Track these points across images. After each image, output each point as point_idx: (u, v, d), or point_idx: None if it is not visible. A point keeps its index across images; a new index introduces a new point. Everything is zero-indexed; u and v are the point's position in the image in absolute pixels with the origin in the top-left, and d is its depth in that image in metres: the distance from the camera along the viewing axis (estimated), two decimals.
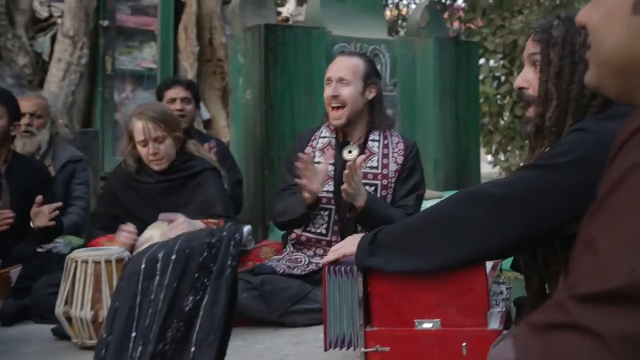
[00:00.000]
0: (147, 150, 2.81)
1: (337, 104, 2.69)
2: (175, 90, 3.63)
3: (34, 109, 3.64)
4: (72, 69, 5.70)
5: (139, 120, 2.77)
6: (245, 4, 4.15)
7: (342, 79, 2.69)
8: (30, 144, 3.60)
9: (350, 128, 2.75)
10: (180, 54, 6.23)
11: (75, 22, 5.69)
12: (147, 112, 2.80)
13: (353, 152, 2.73)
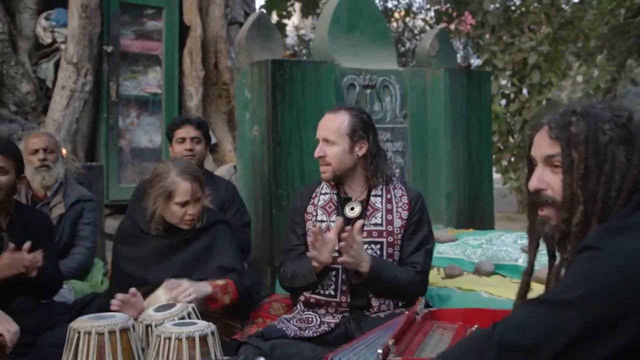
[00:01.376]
0: (185, 211, 2.73)
1: (323, 163, 2.65)
2: (186, 129, 3.56)
3: (46, 144, 3.60)
4: (76, 96, 5.63)
5: (185, 181, 2.69)
6: (252, 37, 4.05)
7: (327, 139, 2.63)
8: (49, 177, 3.55)
9: (349, 183, 2.67)
10: (186, 78, 6.16)
11: (78, 48, 5.62)
12: (190, 171, 2.73)
13: (355, 209, 2.64)
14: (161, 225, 2.82)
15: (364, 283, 2.51)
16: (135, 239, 2.85)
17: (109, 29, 5.82)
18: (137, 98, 6.02)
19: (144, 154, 6.06)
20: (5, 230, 3.05)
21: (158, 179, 2.79)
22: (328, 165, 2.63)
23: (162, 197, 2.76)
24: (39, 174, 3.54)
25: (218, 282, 2.62)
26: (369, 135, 2.66)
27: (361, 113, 2.70)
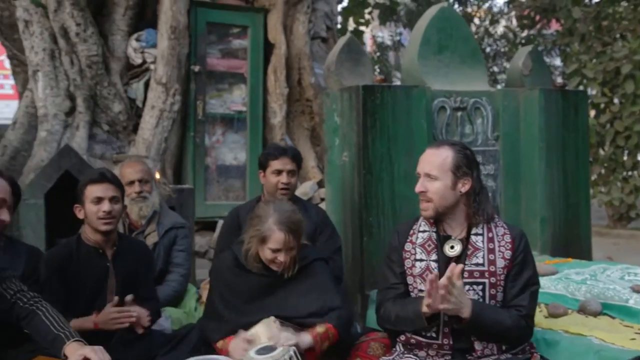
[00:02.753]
0: (276, 257, 2.76)
1: (424, 199, 2.57)
2: (283, 161, 3.54)
3: (141, 175, 3.67)
4: (165, 115, 5.76)
5: (280, 232, 2.72)
6: (341, 62, 4.02)
7: (429, 175, 2.55)
8: (146, 207, 3.63)
9: (449, 221, 2.59)
10: (270, 96, 6.20)
11: (167, 68, 5.74)
12: (288, 223, 2.75)
13: (455, 247, 2.55)
14: (257, 262, 2.83)
15: (465, 328, 2.43)
16: (235, 275, 2.87)
17: (196, 48, 5.93)
18: (222, 116, 6.12)
19: (229, 172, 6.14)
20: (111, 261, 3.14)
21: (257, 221, 2.81)
22: (429, 202, 2.56)
23: (257, 239, 2.80)
24: (136, 205, 3.61)
25: (318, 330, 2.62)
26: (472, 172, 2.58)
27: (464, 149, 2.63)
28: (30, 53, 5.75)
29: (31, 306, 2.59)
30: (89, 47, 5.69)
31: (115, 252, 3.17)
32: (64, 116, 5.79)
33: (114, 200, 3.08)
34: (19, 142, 5.87)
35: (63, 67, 5.76)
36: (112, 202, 3.07)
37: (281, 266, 2.78)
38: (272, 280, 2.80)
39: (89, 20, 5.70)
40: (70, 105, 5.81)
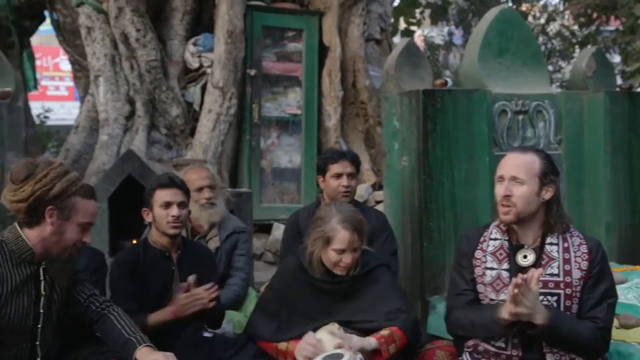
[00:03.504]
0: (341, 258, 2.75)
1: (508, 203, 2.49)
2: (342, 164, 3.55)
3: (209, 181, 3.70)
4: (222, 119, 5.83)
5: (345, 230, 2.72)
6: (401, 66, 4.00)
7: (516, 178, 2.49)
8: (214, 214, 3.66)
9: (524, 229, 2.53)
10: (324, 99, 6.21)
11: (224, 72, 5.81)
12: (352, 222, 2.74)
13: (529, 257, 2.50)
14: (321, 268, 2.84)
15: (540, 336, 2.38)
16: (298, 281, 2.88)
17: (252, 52, 5.98)
18: (277, 119, 6.15)
19: (284, 174, 6.18)
20: (176, 265, 3.19)
21: (320, 222, 2.81)
22: (512, 207, 2.49)
23: (321, 241, 2.79)
24: (205, 211, 3.64)
25: (382, 332, 2.60)
26: (556, 179, 2.53)
27: (548, 156, 2.58)
28: (92, 59, 5.89)
29: (103, 310, 2.65)
30: (148, 52, 5.81)
31: (180, 255, 3.23)
32: (124, 120, 5.92)
33: (182, 205, 3.14)
34: (81, 145, 6.03)
35: (123, 72, 5.89)
36: (180, 207, 3.13)
37: (345, 269, 2.78)
38: (336, 286, 2.80)
39: (148, 26, 5.81)
40: (130, 110, 5.93)
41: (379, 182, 6.33)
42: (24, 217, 2.48)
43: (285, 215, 5.91)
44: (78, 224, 2.51)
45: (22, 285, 2.48)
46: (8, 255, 2.46)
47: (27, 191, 2.43)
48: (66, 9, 6.62)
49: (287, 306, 2.89)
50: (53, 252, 2.52)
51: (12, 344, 2.48)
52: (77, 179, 2.53)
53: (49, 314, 2.58)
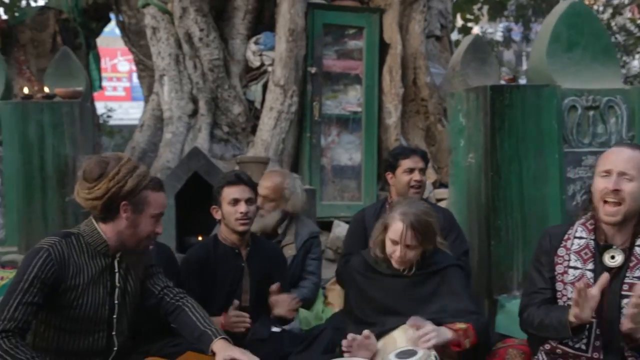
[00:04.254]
0: (394, 250, 2.77)
1: (615, 199, 2.37)
2: (414, 160, 3.57)
3: (266, 192, 3.73)
4: (283, 117, 5.86)
5: (400, 222, 2.74)
6: (467, 62, 3.96)
7: (625, 173, 2.37)
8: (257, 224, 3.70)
9: (616, 229, 2.43)
10: (385, 96, 6.18)
11: (285, 70, 5.85)
12: (412, 218, 2.74)
13: (617, 257, 2.41)
14: (386, 261, 2.84)
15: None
16: (366, 278, 2.88)
17: (313, 50, 6.00)
18: (338, 117, 6.16)
19: (344, 172, 6.18)
20: (245, 261, 3.24)
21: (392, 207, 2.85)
22: (619, 205, 2.37)
23: (381, 225, 2.83)
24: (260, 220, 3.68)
25: (459, 325, 2.57)
26: None
27: None
28: (157, 58, 6.02)
29: (177, 302, 2.71)
30: (211, 51, 5.89)
31: (249, 252, 3.28)
32: (187, 118, 6.02)
33: (250, 202, 3.19)
34: (146, 143, 6.16)
35: (187, 71, 5.99)
36: (248, 203, 3.18)
37: (399, 263, 2.77)
38: (405, 282, 2.79)
39: (211, 25, 5.90)
40: (193, 108, 6.03)
41: (439, 180, 6.27)
42: (99, 214, 2.56)
43: (345, 213, 5.92)
44: (151, 216, 2.59)
45: (98, 276, 2.56)
46: (84, 248, 2.54)
47: (102, 189, 2.50)
48: (131, 10, 6.78)
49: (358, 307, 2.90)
50: (128, 244, 2.60)
51: (89, 334, 2.56)
52: (146, 173, 2.60)
53: (124, 305, 2.65)
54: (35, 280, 2.38)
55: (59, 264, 2.43)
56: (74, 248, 2.51)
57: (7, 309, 2.33)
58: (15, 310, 2.33)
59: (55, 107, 4.63)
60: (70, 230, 2.61)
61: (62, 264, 2.45)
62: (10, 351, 2.27)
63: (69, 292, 2.48)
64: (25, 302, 2.35)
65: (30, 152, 4.61)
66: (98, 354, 2.57)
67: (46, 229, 4.65)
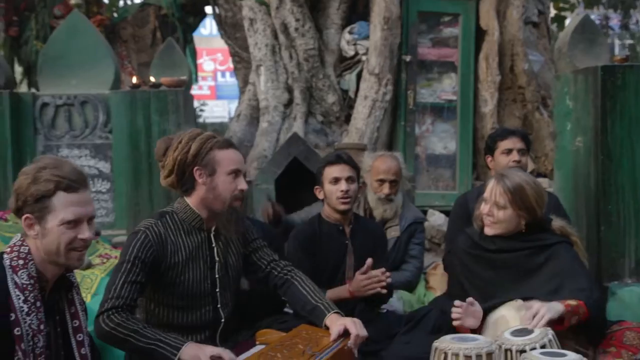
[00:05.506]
0: (483, 208, 2.79)
1: None
2: (512, 140, 3.51)
3: (393, 177, 3.75)
4: (377, 105, 5.87)
5: (493, 180, 2.77)
6: (575, 43, 3.84)
7: None
8: (390, 210, 3.74)
9: None
10: (480, 84, 6.08)
11: (380, 59, 5.85)
12: (505, 177, 2.75)
13: None
14: (479, 228, 2.84)
15: None
16: (473, 257, 2.86)
17: (408, 38, 5.97)
18: (432, 105, 6.11)
19: (438, 161, 6.13)
20: (349, 239, 3.27)
21: None
22: None
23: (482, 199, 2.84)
24: (382, 205, 3.72)
25: (570, 302, 2.50)
26: None
27: None
28: (254, 49, 6.15)
29: (285, 275, 2.75)
30: (306, 41, 5.97)
31: (352, 229, 3.31)
32: (283, 108, 6.12)
33: (350, 180, 3.22)
34: (242, 133, 6.31)
35: (283, 61, 6.09)
36: (349, 181, 3.21)
37: (488, 224, 2.77)
38: (511, 257, 2.75)
39: (306, 15, 5.97)
40: (289, 97, 6.13)
41: (537, 169, 6.11)
42: (179, 188, 2.61)
43: (439, 202, 5.87)
44: (226, 174, 2.57)
45: (196, 252, 2.61)
46: (179, 225, 2.59)
47: (170, 162, 2.54)
48: (227, 4, 6.94)
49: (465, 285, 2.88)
50: (216, 208, 2.60)
51: (195, 308, 2.63)
52: (211, 136, 2.58)
53: (226, 278, 2.70)
54: (137, 260, 2.46)
55: (156, 245, 2.51)
56: (170, 227, 2.58)
57: (114, 287, 2.43)
58: (122, 289, 2.42)
59: (161, 95, 4.81)
60: (165, 209, 2.68)
61: (159, 244, 2.51)
62: (122, 324, 2.36)
63: (171, 270, 2.56)
64: (130, 281, 2.44)
65: (137, 139, 4.81)
66: (207, 327, 2.64)
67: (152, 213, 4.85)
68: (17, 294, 1.94)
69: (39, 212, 2.01)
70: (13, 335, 1.91)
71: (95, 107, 4.94)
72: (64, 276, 2.12)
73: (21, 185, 2.02)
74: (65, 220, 2.02)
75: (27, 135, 4.91)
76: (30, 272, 1.99)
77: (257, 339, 2.57)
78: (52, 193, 2.01)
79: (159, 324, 2.56)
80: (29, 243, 2.04)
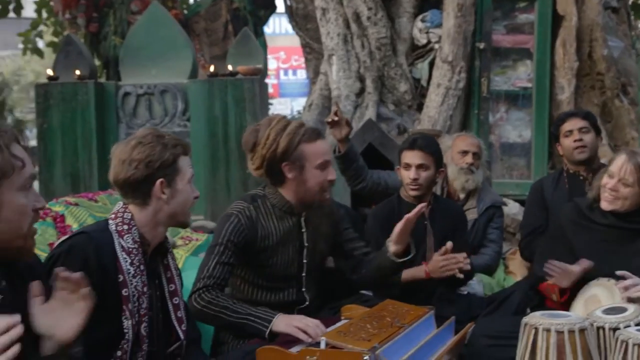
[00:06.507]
0: (607, 182, 2.71)
1: None
2: (572, 122, 3.50)
3: (476, 149, 3.77)
4: (450, 93, 5.82)
5: (624, 155, 2.71)
6: None
7: None
8: (472, 181, 3.73)
9: None
10: (557, 71, 5.93)
11: (453, 46, 5.79)
12: (638, 157, 2.68)
13: None
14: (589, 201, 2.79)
15: None
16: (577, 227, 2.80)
17: (482, 25, 5.89)
18: (506, 93, 6.00)
19: (513, 149, 6.02)
20: (428, 219, 3.26)
21: None
22: None
23: (604, 171, 2.79)
24: (463, 175, 3.71)
25: None
26: None
27: None
28: (326, 39, 6.18)
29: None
30: (378, 30, 5.97)
31: (431, 211, 3.30)
32: (355, 97, 6.14)
33: (422, 168, 3.19)
34: (314, 122, 6.34)
35: (354, 50, 6.11)
36: (420, 169, 3.19)
37: (609, 199, 2.68)
38: (619, 234, 2.68)
39: (378, 4, 5.97)
40: (360, 87, 6.14)
41: None
42: (269, 180, 2.67)
43: (514, 191, 5.76)
44: (315, 168, 2.60)
45: (287, 236, 2.67)
46: (271, 210, 2.65)
47: (259, 158, 2.59)
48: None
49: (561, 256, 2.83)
50: (307, 201, 2.66)
51: (280, 290, 2.70)
52: (297, 128, 2.60)
53: (312, 263, 2.75)
54: (229, 243, 2.54)
55: (248, 229, 2.57)
56: (261, 212, 2.63)
57: (207, 268, 2.53)
58: (214, 270, 2.52)
59: (237, 83, 4.92)
60: (257, 192, 2.73)
61: (251, 229, 2.58)
62: (213, 301, 2.45)
63: (260, 253, 2.62)
64: (221, 262, 2.53)
65: (215, 126, 4.92)
66: (289, 307, 2.69)
67: (229, 199, 4.95)
68: (124, 257, 2.05)
69: (170, 175, 2.14)
70: (121, 295, 2.00)
71: (174, 95, 5.08)
72: (161, 243, 2.21)
73: (150, 153, 2.11)
74: (190, 179, 2.19)
75: (110, 124, 5.11)
76: (134, 237, 2.09)
77: (342, 314, 2.59)
78: (179, 156, 2.15)
79: (244, 299, 2.64)
80: (131, 210, 2.14)
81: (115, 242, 2.06)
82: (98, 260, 1.99)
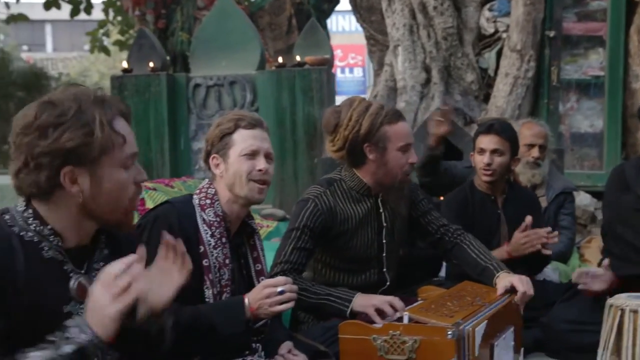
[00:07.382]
0: None
1: None
2: None
3: (542, 141, 3.70)
4: (519, 82, 5.72)
5: None
6: None
7: None
8: (538, 175, 3.67)
9: None
10: (631, 58, 5.77)
11: (522, 35, 5.70)
12: None
13: None
14: None
15: None
16: None
17: (552, 13, 5.77)
18: (577, 82, 5.87)
19: (584, 139, 5.89)
20: (501, 209, 3.22)
21: None
22: None
23: None
24: (529, 170, 3.64)
25: None
26: None
27: None
28: (392, 29, 6.17)
29: (456, 239, 2.77)
30: (445, 20, 5.92)
31: (505, 199, 3.25)
32: (420, 87, 6.10)
33: (497, 153, 3.14)
34: None
35: (420, 40, 6.07)
36: (494, 154, 3.14)
37: None
38: None
39: None
40: (426, 77, 6.10)
41: None
42: (349, 161, 2.67)
43: (585, 182, 5.63)
44: (397, 149, 2.59)
45: (365, 218, 2.67)
46: (347, 193, 2.65)
47: (341, 139, 2.58)
48: None
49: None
50: (386, 183, 2.64)
51: (362, 272, 2.70)
52: (379, 110, 2.58)
53: (392, 243, 2.75)
54: (305, 229, 2.54)
55: (325, 214, 2.57)
56: (338, 196, 2.64)
57: (284, 253, 2.54)
58: (291, 254, 2.53)
59: (305, 73, 4.96)
60: (332, 176, 2.73)
61: (328, 213, 2.58)
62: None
63: (339, 237, 2.62)
64: (298, 248, 2.53)
65: (283, 116, 4.98)
66: (371, 289, 2.69)
67: (297, 188, 5.01)
68: (205, 229, 2.11)
69: (223, 150, 2.19)
70: (202, 266, 2.06)
71: (243, 86, 5.16)
72: (246, 223, 2.25)
73: (211, 133, 2.19)
74: (243, 151, 2.17)
75: (181, 115, 5.23)
76: (216, 211, 2.15)
77: (419, 295, 2.60)
78: (233, 130, 2.18)
79: (325, 283, 2.64)
80: (215, 186, 2.20)
81: (197, 215, 2.12)
82: (181, 229, 2.04)
